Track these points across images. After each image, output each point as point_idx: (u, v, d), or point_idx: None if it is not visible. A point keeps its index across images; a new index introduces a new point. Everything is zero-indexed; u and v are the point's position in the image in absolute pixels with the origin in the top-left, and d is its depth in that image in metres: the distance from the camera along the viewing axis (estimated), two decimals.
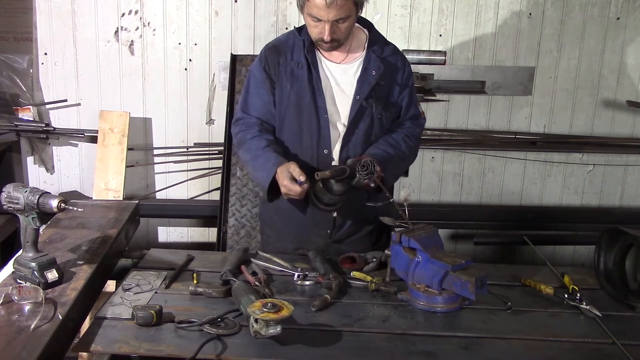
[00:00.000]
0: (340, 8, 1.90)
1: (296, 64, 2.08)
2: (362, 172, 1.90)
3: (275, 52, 2.11)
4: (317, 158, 2.11)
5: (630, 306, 1.82)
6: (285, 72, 2.09)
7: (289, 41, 2.12)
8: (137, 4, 3.32)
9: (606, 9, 3.37)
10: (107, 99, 3.43)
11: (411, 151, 2.20)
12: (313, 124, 2.08)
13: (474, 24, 3.38)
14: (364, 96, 2.07)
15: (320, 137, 2.09)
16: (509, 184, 3.63)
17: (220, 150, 3.40)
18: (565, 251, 3.70)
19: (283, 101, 2.11)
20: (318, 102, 2.07)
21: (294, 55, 2.09)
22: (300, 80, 2.07)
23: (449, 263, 1.74)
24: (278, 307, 1.52)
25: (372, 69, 2.07)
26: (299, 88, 2.07)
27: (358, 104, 2.07)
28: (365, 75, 2.08)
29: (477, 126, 3.53)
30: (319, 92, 2.07)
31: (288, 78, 2.09)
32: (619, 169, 3.62)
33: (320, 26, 1.95)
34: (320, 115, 2.07)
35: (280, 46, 2.12)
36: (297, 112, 2.09)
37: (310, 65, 2.06)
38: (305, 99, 2.07)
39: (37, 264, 1.67)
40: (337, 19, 1.93)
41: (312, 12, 1.93)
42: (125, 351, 1.54)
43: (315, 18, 1.94)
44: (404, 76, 2.16)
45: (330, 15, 1.91)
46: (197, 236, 3.68)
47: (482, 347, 1.59)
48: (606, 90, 3.50)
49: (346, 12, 1.93)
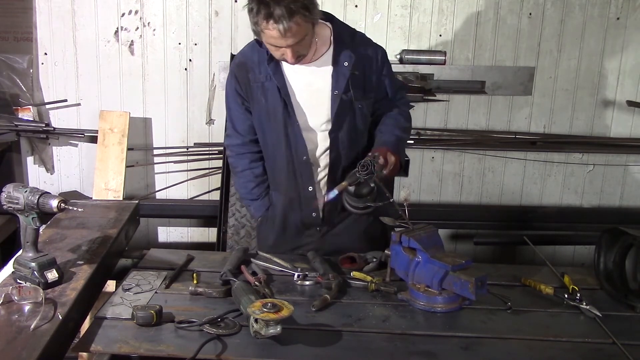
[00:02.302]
0: (296, 33, 1.85)
1: (265, 76, 2.06)
2: (362, 172, 1.90)
3: (244, 70, 2.10)
4: (298, 165, 2.12)
5: (630, 306, 1.82)
6: (257, 87, 2.08)
7: (254, 55, 2.09)
8: (137, 4, 3.32)
9: (606, 9, 3.37)
10: (107, 99, 3.43)
11: (409, 129, 2.26)
12: (290, 133, 2.09)
13: (474, 24, 3.38)
14: (342, 90, 2.05)
15: (297, 145, 2.10)
16: (509, 184, 3.63)
17: (220, 150, 3.40)
18: (565, 251, 3.70)
19: (262, 115, 2.12)
20: (289, 111, 2.06)
21: (261, 68, 2.06)
22: (271, 92, 2.07)
23: (449, 263, 1.74)
24: (278, 307, 1.52)
25: (343, 60, 2.04)
26: (272, 100, 2.07)
27: (338, 98, 2.05)
28: (337, 68, 2.05)
29: (477, 126, 3.53)
30: (289, 100, 2.06)
31: (262, 92, 2.08)
32: (619, 169, 3.62)
33: (281, 50, 1.92)
34: (293, 124, 2.07)
35: (247, 62, 2.10)
36: (274, 123, 2.10)
37: (276, 75, 2.04)
38: (278, 110, 2.07)
39: (37, 264, 1.67)
40: (296, 42, 1.89)
41: (269, 41, 1.90)
42: (125, 351, 1.54)
43: (274, 45, 1.91)
44: (378, 59, 2.13)
45: (288, 42, 1.87)
46: (197, 236, 3.68)
47: (482, 347, 1.59)
48: (606, 90, 3.50)
49: (303, 32, 1.88)
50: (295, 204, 2.19)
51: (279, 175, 2.19)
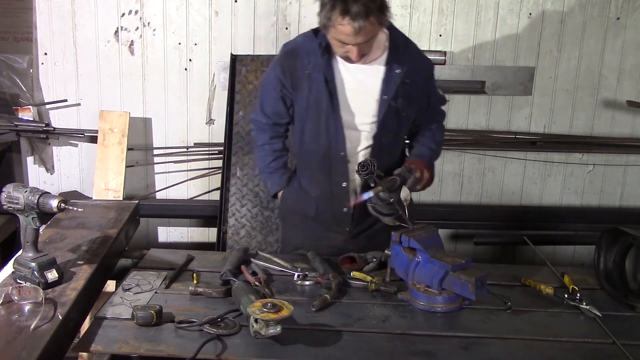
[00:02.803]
0: (368, 32, 1.88)
1: (313, 67, 2.07)
2: (362, 172, 1.91)
3: (293, 57, 2.11)
4: (334, 160, 2.13)
5: (630, 306, 1.82)
6: (303, 76, 2.09)
7: (306, 45, 2.11)
8: (137, 4, 3.32)
9: (606, 9, 3.37)
10: (107, 99, 3.43)
11: (442, 143, 2.32)
12: (330, 126, 2.10)
13: (474, 24, 3.38)
14: (391, 95, 2.07)
15: (337, 139, 2.10)
16: (509, 183, 3.63)
17: (220, 150, 3.40)
18: (565, 251, 3.70)
19: (303, 105, 2.13)
20: (334, 105, 2.07)
21: (311, 58, 2.07)
22: (317, 83, 2.07)
23: (449, 263, 1.74)
24: (278, 307, 1.52)
25: (395, 68, 2.07)
26: (317, 92, 2.08)
27: (386, 104, 2.07)
28: (390, 74, 2.07)
29: (477, 126, 3.53)
30: (335, 95, 2.07)
31: (306, 82, 2.09)
32: (619, 169, 3.62)
33: (347, 48, 1.94)
34: (336, 119, 2.08)
35: (298, 50, 2.11)
36: (316, 115, 2.11)
37: (327, 69, 2.06)
38: (322, 103, 2.08)
39: (37, 264, 1.67)
40: (365, 41, 1.92)
41: (339, 37, 1.92)
42: (125, 351, 1.54)
43: (341, 42, 1.93)
44: (426, 69, 2.20)
45: (358, 40, 1.90)
46: (197, 236, 3.68)
47: (482, 347, 1.59)
48: (606, 90, 3.50)
49: (373, 33, 1.92)
50: (327, 197, 2.18)
51: (313, 167, 2.18)
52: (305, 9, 3.32)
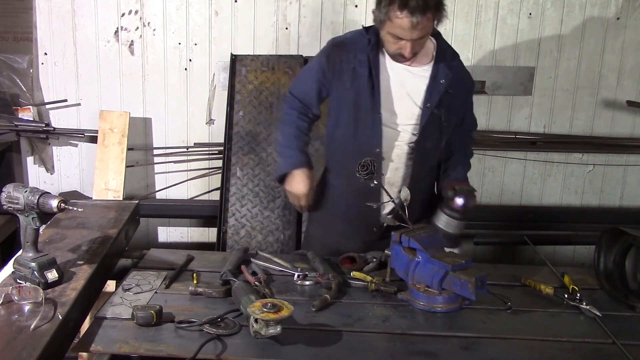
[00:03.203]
0: (424, 28, 1.93)
1: (359, 62, 2.10)
2: (362, 172, 1.91)
3: (341, 49, 2.15)
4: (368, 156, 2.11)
5: (630, 306, 1.83)
6: (347, 69, 2.12)
7: (355, 40, 2.15)
8: (137, 4, 3.32)
9: (606, 9, 3.37)
10: (107, 99, 3.43)
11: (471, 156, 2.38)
12: (368, 123, 2.12)
13: (474, 24, 3.38)
14: (434, 104, 2.10)
15: (374, 136, 2.12)
16: (509, 183, 3.63)
17: (220, 150, 3.40)
18: (565, 251, 3.70)
19: (341, 98, 2.15)
20: (375, 101, 2.09)
21: (358, 53, 2.11)
22: (360, 78, 2.10)
23: (449, 263, 1.74)
24: (278, 307, 1.52)
25: (440, 77, 2.10)
26: (359, 86, 2.10)
27: (429, 111, 2.10)
28: (434, 83, 2.10)
29: (477, 126, 3.52)
30: (377, 92, 2.09)
31: (349, 76, 2.11)
32: (619, 169, 3.61)
33: (401, 43, 1.98)
34: (376, 115, 2.10)
35: (347, 43, 2.15)
36: (354, 109, 2.13)
37: (372, 65, 2.08)
38: (363, 98, 2.10)
39: (37, 264, 1.67)
40: (419, 38, 1.96)
41: (395, 32, 1.95)
42: (125, 351, 1.54)
43: (396, 37, 1.97)
44: (468, 84, 2.25)
45: (413, 35, 1.94)
46: (197, 236, 3.68)
47: (482, 347, 1.59)
48: (606, 90, 3.50)
49: (428, 29, 1.96)
50: (356, 194, 2.17)
51: (345, 162, 2.18)
52: (305, 8, 3.32)
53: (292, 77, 3.23)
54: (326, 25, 3.34)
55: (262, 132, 3.21)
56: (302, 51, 3.34)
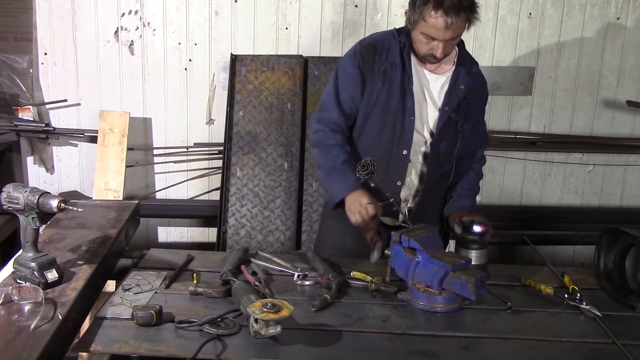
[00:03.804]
0: (457, 29, 1.95)
1: (390, 64, 2.11)
2: (362, 172, 1.91)
3: (372, 50, 2.14)
4: (394, 157, 2.15)
5: (630, 306, 1.83)
6: (378, 70, 2.12)
7: (385, 41, 2.15)
8: (137, 4, 3.32)
9: (606, 9, 3.37)
10: (107, 99, 3.43)
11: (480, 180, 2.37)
12: (397, 124, 2.12)
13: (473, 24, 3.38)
14: (452, 108, 2.12)
15: (402, 137, 2.13)
16: (509, 184, 3.63)
17: (220, 150, 3.40)
18: (565, 251, 3.70)
19: (371, 99, 2.15)
20: (407, 103, 2.11)
21: (390, 55, 2.12)
22: (392, 80, 2.11)
23: (449, 263, 1.74)
24: (278, 307, 1.52)
25: (460, 83, 2.13)
26: (390, 88, 2.11)
27: (446, 115, 2.12)
28: (454, 88, 2.13)
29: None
30: (410, 94, 2.10)
31: (380, 77, 2.12)
32: (619, 169, 3.61)
33: (433, 44, 1.99)
34: (406, 117, 2.12)
35: (377, 45, 2.15)
36: (383, 110, 2.13)
37: (405, 68, 2.10)
38: (394, 99, 2.11)
39: (37, 264, 1.67)
40: (452, 38, 1.97)
41: (429, 32, 1.96)
42: (125, 351, 1.54)
43: (429, 37, 1.98)
44: (484, 94, 2.26)
45: (446, 36, 1.95)
46: (197, 236, 3.68)
47: (482, 347, 1.60)
48: (606, 90, 3.50)
49: (461, 30, 1.98)
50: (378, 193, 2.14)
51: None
52: (305, 8, 3.32)
53: (292, 77, 3.23)
54: (326, 25, 3.34)
55: (262, 132, 3.21)
56: (302, 51, 3.34)
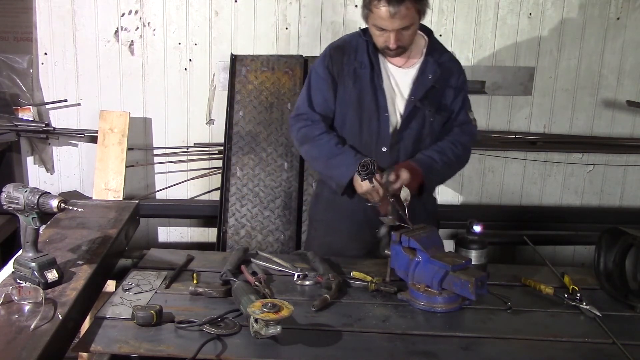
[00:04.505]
0: (403, 17, 1.96)
1: (359, 63, 2.14)
2: (362, 172, 1.91)
3: (340, 52, 2.18)
4: (375, 155, 2.15)
5: (630, 306, 1.82)
6: (348, 71, 2.15)
7: (353, 42, 2.18)
8: (137, 4, 3.32)
9: (606, 9, 3.37)
10: (107, 99, 3.43)
11: (458, 158, 2.24)
12: (373, 122, 2.15)
13: (474, 24, 3.38)
14: (419, 97, 2.13)
15: (379, 135, 2.15)
16: (509, 184, 3.62)
17: (220, 150, 3.40)
18: (565, 251, 3.70)
19: (345, 99, 2.17)
20: (379, 101, 2.13)
21: (358, 55, 2.15)
22: (362, 79, 2.14)
23: (449, 263, 1.74)
24: (278, 307, 1.52)
25: (428, 72, 2.14)
26: (361, 87, 2.14)
27: (412, 104, 2.13)
28: (421, 77, 2.14)
29: (477, 126, 3.52)
30: (381, 91, 2.13)
31: (351, 77, 2.15)
32: (619, 169, 3.61)
33: (385, 35, 2.02)
34: (381, 114, 2.14)
35: (345, 46, 2.19)
36: (358, 110, 2.16)
37: (373, 66, 2.12)
38: (366, 98, 2.14)
39: (37, 264, 1.67)
40: (401, 28, 1.99)
41: (377, 22, 2.00)
42: (125, 351, 1.54)
43: (380, 28, 2.01)
44: (458, 81, 2.23)
45: (394, 25, 1.97)
46: (197, 236, 3.68)
47: (482, 347, 1.59)
48: (606, 90, 3.50)
49: (409, 20, 1.99)
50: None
51: None
52: (305, 8, 3.32)
53: (292, 77, 3.23)
54: (326, 25, 3.34)
55: (262, 132, 3.21)
56: (302, 51, 3.34)
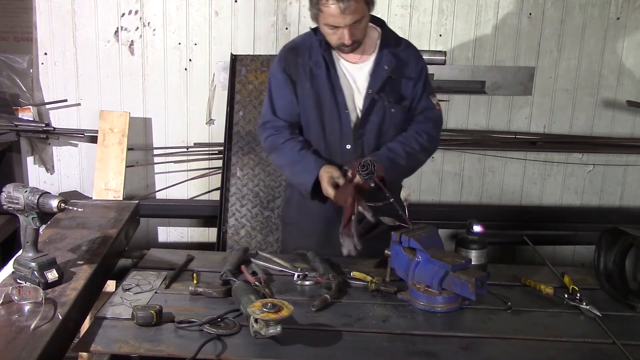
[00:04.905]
0: (354, 12, 1.95)
1: (314, 63, 2.13)
2: (362, 172, 1.91)
3: (294, 53, 2.17)
4: (340, 153, 2.15)
5: (630, 306, 1.82)
6: (304, 71, 2.14)
7: (306, 42, 2.17)
8: (137, 4, 3.32)
9: (606, 9, 3.37)
10: (107, 99, 3.43)
11: (423, 147, 2.19)
12: (334, 121, 2.14)
13: (474, 24, 3.38)
14: (376, 89, 2.12)
15: (342, 133, 2.14)
16: (509, 184, 3.63)
17: (220, 150, 3.40)
18: (565, 251, 3.70)
19: (305, 100, 2.16)
20: (338, 98, 2.12)
21: (312, 55, 2.14)
22: (319, 78, 2.13)
23: (449, 263, 1.74)
24: (278, 307, 1.52)
25: (384, 63, 2.13)
26: (319, 86, 2.13)
27: (370, 97, 2.13)
28: (377, 70, 2.13)
29: (477, 126, 3.53)
30: (338, 88, 2.12)
31: (308, 77, 2.14)
32: (619, 169, 3.61)
33: (338, 32, 2.01)
34: (341, 112, 2.13)
35: (298, 47, 2.18)
36: (318, 109, 2.15)
37: (328, 64, 2.12)
38: (325, 97, 2.13)
39: (37, 264, 1.67)
40: (353, 22, 1.98)
41: (329, 21, 1.98)
42: (125, 351, 1.53)
43: (332, 26, 1.99)
44: (416, 69, 2.20)
45: (346, 21, 1.96)
46: (197, 236, 3.68)
47: (482, 347, 1.59)
48: (606, 90, 3.50)
49: (360, 13, 1.98)
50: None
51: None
52: (305, 8, 3.31)
53: None
54: None
55: None
56: None
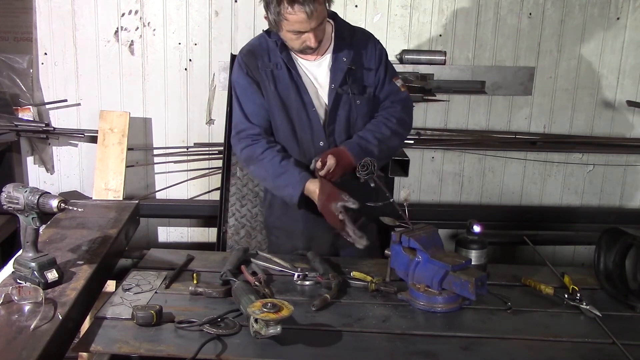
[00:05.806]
0: (319, 14, 1.94)
1: (274, 65, 2.11)
2: (362, 172, 1.91)
3: (252, 56, 2.14)
4: (314, 151, 2.14)
5: (630, 306, 1.82)
6: (266, 74, 2.12)
7: (263, 44, 2.14)
8: (137, 4, 3.32)
9: (606, 9, 3.37)
10: (107, 99, 3.43)
11: (394, 132, 2.18)
12: (303, 120, 2.13)
13: (474, 24, 3.38)
14: (338, 83, 2.11)
15: (313, 131, 2.13)
16: (509, 184, 3.63)
17: (220, 150, 3.40)
18: (565, 251, 3.70)
19: (270, 102, 2.14)
20: (304, 97, 2.11)
21: (271, 57, 2.12)
22: (281, 79, 2.11)
23: (449, 263, 1.74)
24: (278, 307, 1.52)
25: (342, 56, 2.11)
26: (282, 87, 2.11)
27: (334, 92, 2.11)
28: (336, 63, 2.12)
29: (477, 126, 3.53)
30: (303, 88, 2.11)
31: (270, 79, 2.12)
32: (619, 169, 3.61)
33: (303, 37, 1.99)
34: (308, 110, 2.12)
35: (255, 50, 2.14)
36: (285, 111, 2.13)
37: (287, 64, 2.09)
38: (290, 97, 2.11)
39: (37, 264, 1.67)
40: (319, 24, 1.97)
41: (294, 28, 1.96)
42: (125, 351, 1.54)
43: (297, 32, 1.97)
44: (375, 55, 2.18)
45: (312, 25, 1.94)
46: (197, 236, 3.68)
47: (482, 347, 1.59)
48: (606, 90, 3.50)
49: (323, 14, 1.98)
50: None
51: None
52: None
53: None
54: None
55: None
56: None
